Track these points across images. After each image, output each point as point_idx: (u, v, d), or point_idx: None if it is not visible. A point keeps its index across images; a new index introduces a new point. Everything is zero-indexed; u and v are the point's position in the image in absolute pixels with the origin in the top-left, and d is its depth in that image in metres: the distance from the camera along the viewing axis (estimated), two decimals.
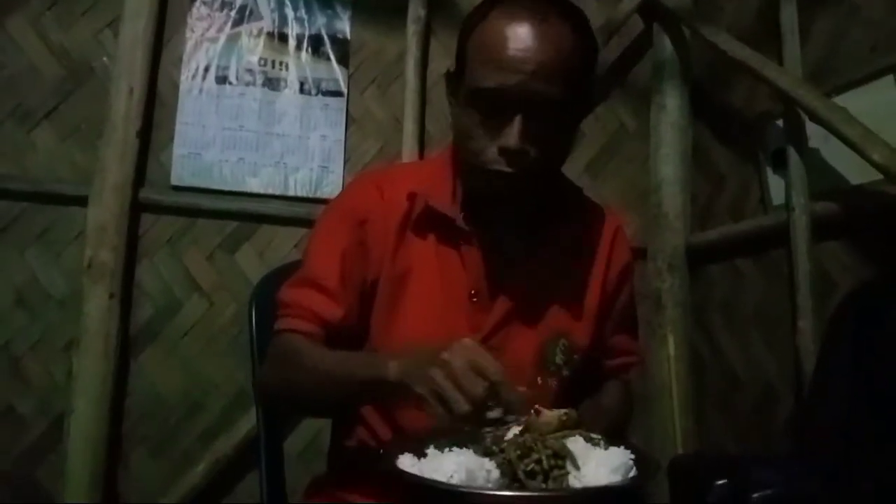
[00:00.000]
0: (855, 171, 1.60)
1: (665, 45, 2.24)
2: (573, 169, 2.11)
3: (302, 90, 2.08)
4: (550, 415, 0.71)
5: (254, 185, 2.02)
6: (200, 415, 1.95)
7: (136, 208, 1.92)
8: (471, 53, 0.86)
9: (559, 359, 0.93)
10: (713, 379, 2.09)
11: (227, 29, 2.04)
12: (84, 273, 1.83)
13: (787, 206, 1.73)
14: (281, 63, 2.07)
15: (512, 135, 0.82)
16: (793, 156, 1.73)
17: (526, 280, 0.92)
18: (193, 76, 2.00)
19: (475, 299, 0.91)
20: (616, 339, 1.04)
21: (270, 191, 2.03)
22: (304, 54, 2.08)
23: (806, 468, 1.33)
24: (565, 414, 0.72)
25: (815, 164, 1.72)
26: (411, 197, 0.93)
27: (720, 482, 1.26)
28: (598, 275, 0.99)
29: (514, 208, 0.91)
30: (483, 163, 0.84)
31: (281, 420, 1.07)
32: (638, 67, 2.35)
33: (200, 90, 2.00)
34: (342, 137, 2.09)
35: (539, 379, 0.92)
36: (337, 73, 2.10)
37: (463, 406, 0.68)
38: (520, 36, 0.81)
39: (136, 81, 1.90)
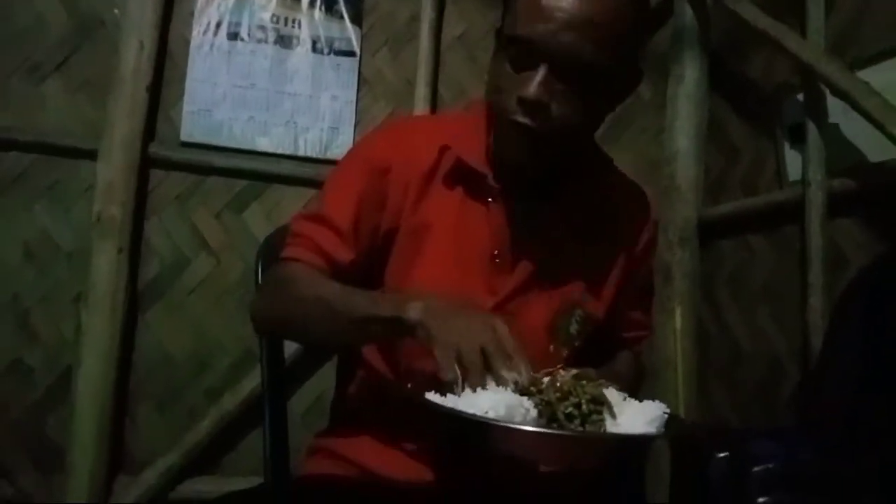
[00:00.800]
0: (875, 148, 1.57)
1: (686, 12, 2.19)
2: None
3: (314, 49, 2.05)
4: (566, 375, 0.71)
5: (263, 145, 2.01)
6: (206, 372, 1.97)
7: (146, 164, 1.92)
8: (516, 4, 0.83)
9: (573, 329, 0.91)
10: (719, 353, 2.09)
11: None
12: (93, 227, 1.84)
13: (803, 181, 1.70)
14: (293, 20, 2.03)
15: (532, 85, 0.79)
16: (811, 130, 1.70)
17: (549, 246, 0.90)
18: (205, 32, 1.98)
19: (497, 260, 0.89)
20: (632, 313, 1.03)
21: (280, 150, 2.01)
22: (317, 12, 2.05)
23: (808, 442, 1.33)
24: (581, 373, 0.71)
25: (834, 139, 1.69)
26: (443, 150, 0.91)
27: (721, 455, 1.27)
28: (623, 249, 0.98)
29: (540, 170, 0.87)
30: (503, 111, 0.82)
31: (285, 377, 1.06)
32: (657, 36, 2.30)
33: (211, 46, 1.98)
34: (353, 99, 2.07)
35: (551, 347, 0.91)
36: (350, 33, 2.07)
37: (480, 382, 0.67)
38: None
39: (146, 36, 1.88)
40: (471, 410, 0.64)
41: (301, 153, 2.02)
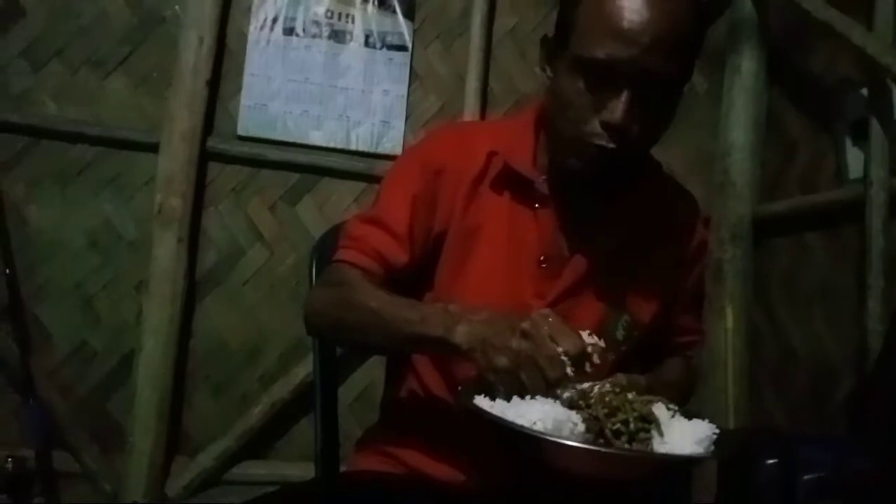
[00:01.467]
0: None
1: (744, 2, 2.13)
2: None
3: (367, 43, 2.07)
4: (616, 385, 0.71)
5: (316, 138, 2.04)
6: (259, 359, 2.03)
7: (204, 157, 1.97)
8: (581, 19, 0.80)
9: (620, 334, 0.91)
10: (770, 354, 2.05)
11: None
12: (154, 218, 1.91)
13: (865, 179, 1.65)
14: (347, 15, 2.06)
15: (619, 110, 0.77)
16: (875, 126, 1.64)
17: (597, 251, 0.90)
18: (261, 27, 2.02)
19: (544, 265, 0.89)
20: (682, 318, 1.03)
21: (332, 144, 2.05)
22: (370, 7, 2.07)
23: (859, 450, 1.30)
24: (630, 382, 0.72)
25: None
26: (491, 155, 0.91)
27: (770, 461, 1.26)
28: (673, 254, 0.97)
29: (606, 181, 0.87)
30: (583, 135, 0.81)
31: (336, 367, 1.08)
32: (715, 26, 2.24)
33: (268, 41, 2.02)
34: (405, 93, 2.09)
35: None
36: (402, 27, 2.08)
37: (539, 387, 0.68)
38: (638, 5, 0.76)
39: (205, 31, 1.93)
40: (519, 421, 0.65)
41: (353, 147, 2.05)
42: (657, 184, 0.97)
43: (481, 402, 0.70)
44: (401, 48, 2.09)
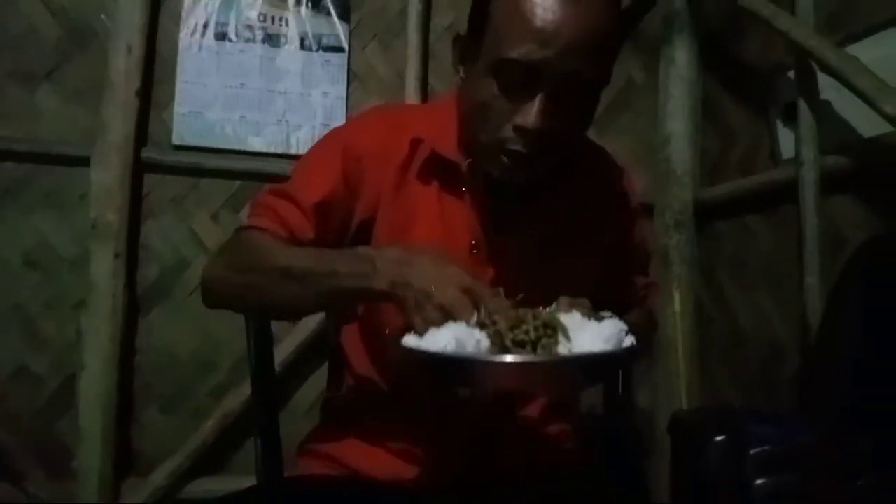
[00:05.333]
0: (868, 124, 1.56)
1: None
2: None
3: (303, 46, 2.05)
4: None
5: (256, 144, 2.01)
6: (210, 372, 1.99)
7: (139, 168, 1.92)
8: (495, 19, 0.78)
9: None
10: (720, 335, 2.08)
11: None
12: (90, 233, 1.85)
13: (797, 160, 1.69)
14: (280, 18, 2.03)
15: (532, 114, 0.76)
16: (803, 108, 1.68)
17: (529, 235, 0.89)
18: (192, 33, 1.98)
19: (475, 251, 0.88)
20: (630, 281, 1.03)
21: (273, 149, 2.02)
22: (303, 9, 2.05)
23: (805, 425, 1.33)
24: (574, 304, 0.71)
25: (828, 117, 1.67)
26: (416, 141, 0.89)
27: (719, 438, 1.27)
28: (605, 224, 0.97)
29: (528, 181, 0.86)
30: (497, 140, 0.79)
31: (272, 355, 1.05)
32: (649, 18, 2.28)
33: (200, 47, 1.98)
34: (344, 94, 2.07)
35: None
36: (338, 28, 2.07)
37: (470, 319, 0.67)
38: (553, 5, 0.74)
39: (134, 40, 1.88)
40: (432, 349, 0.65)
41: (294, 151, 2.02)
42: (584, 160, 0.96)
43: (409, 339, 0.69)
44: (338, 49, 2.07)
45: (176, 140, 1.96)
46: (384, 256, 0.74)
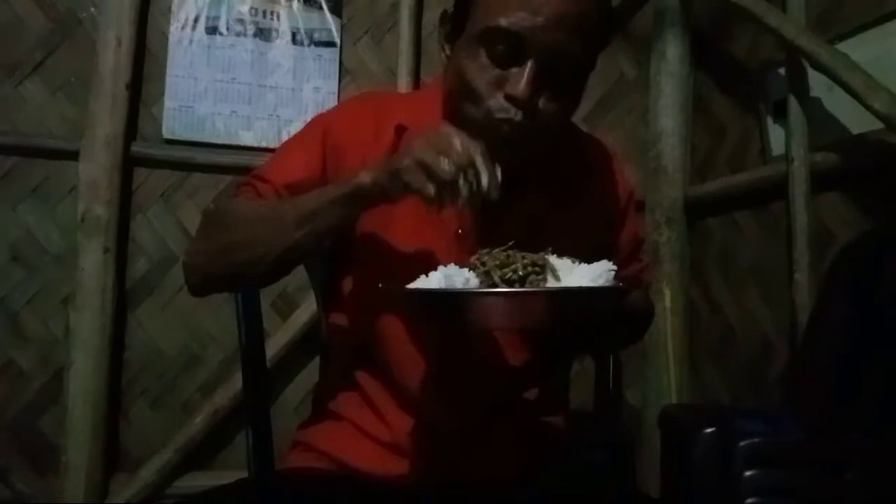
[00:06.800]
0: (857, 121, 1.57)
1: None
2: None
3: (294, 41, 2.04)
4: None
5: (247, 139, 2.00)
6: (199, 367, 1.98)
7: (129, 162, 1.91)
8: None
9: None
10: (709, 332, 2.09)
11: None
12: (78, 228, 1.83)
13: (787, 156, 1.70)
14: (272, 13, 2.02)
15: (522, 82, 0.75)
16: (793, 105, 1.69)
17: (516, 222, 0.88)
18: (183, 27, 1.96)
19: (461, 236, 0.86)
20: (625, 270, 1.02)
21: (264, 144, 2.00)
22: (295, 3, 2.04)
23: (793, 419, 1.34)
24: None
25: (818, 114, 1.68)
26: (400, 129, 0.88)
27: (708, 430, 1.28)
28: (597, 212, 0.96)
29: (519, 164, 0.84)
30: (488, 112, 0.78)
31: (263, 343, 1.03)
32: (641, 14, 2.29)
33: (190, 41, 1.97)
34: (336, 89, 2.06)
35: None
36: (330, 23, 2.06)
37: (448, 169, 0.67)
38: None
39: (123, 33, 1.87)
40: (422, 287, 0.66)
41: None
42: (574, 148, 0.96)
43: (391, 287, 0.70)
44: (329, 44, 2.06)
45: (166, 134, 1.95)
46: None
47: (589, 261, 0.77)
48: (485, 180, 0.68)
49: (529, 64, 0.76)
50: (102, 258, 1.83)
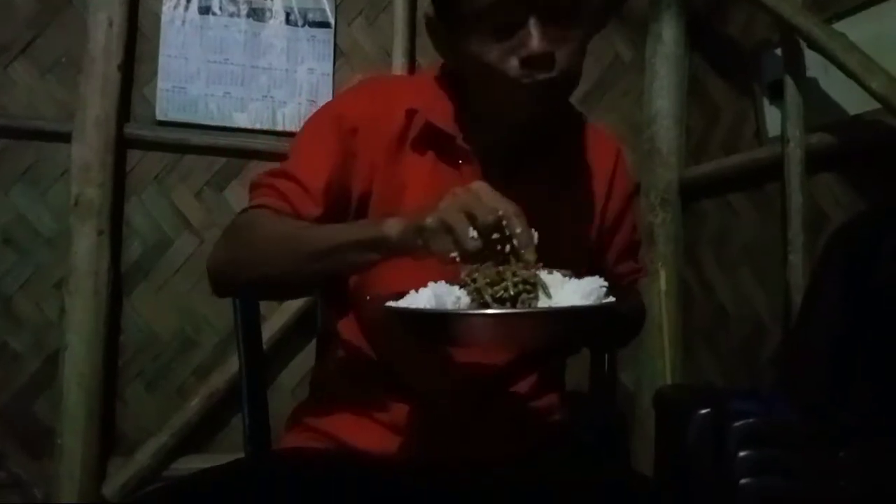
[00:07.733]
0: (854, 102, 1.57)
1: None
2: None
3: (288, 21, 2.01)
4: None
5: (241, 120, 1.98)
6: (194, 351, 1.97)
7: (122, 144, 1.89)
8: None
9: None
10: (704, 315, 2.10)
11: None
12: (71, 211, 1.82)
13: (782, 138, 1.69)
14: None
15: (533, 39, 0.76)
16: (789, 86, 1.69)
17: (524, 207, 0.89)
18: (175, 6, 1.94)
19: None
20: (620, 266, 1.03)
21: (258, 126, 1.99)
22: None
23: (787, 400, 1.35)
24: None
25: (814, 94, 1.68)
26: (411, 112, 0.88)
27: (702, 411, 1.29)
28: (599, 204, 0.96)
29: (548, 123, 0.86)
30: (514, 84, 0.78)
31: (269, 354, 1.05)
32: None
33: (183, 21, 1.94)
34: (330, 70, 2.04)
35: None
36: (324, 3, 2.04)
37: (469, 236, 0.66)
38: None
39: (115, 12, 1.84)
40: (412, 307, 0.65)
41: (279, 128, 2.00)
42: (578, 134, 0.96)
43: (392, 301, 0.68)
44: (324, 25, 2.04)
45: (160, 115, 1.93)
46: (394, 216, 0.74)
47: (582, 261, 0.78)
48: (518, 243, 0.67)
49: (532, 21, 0.77)
50: (96, 241, 1.82)
